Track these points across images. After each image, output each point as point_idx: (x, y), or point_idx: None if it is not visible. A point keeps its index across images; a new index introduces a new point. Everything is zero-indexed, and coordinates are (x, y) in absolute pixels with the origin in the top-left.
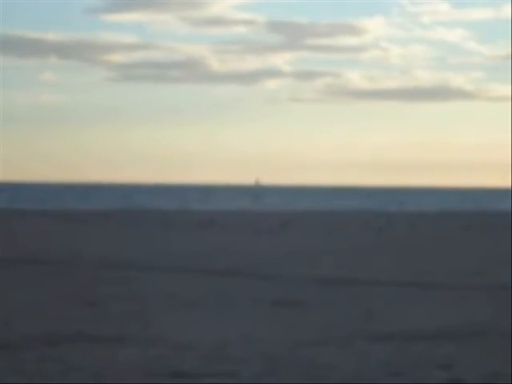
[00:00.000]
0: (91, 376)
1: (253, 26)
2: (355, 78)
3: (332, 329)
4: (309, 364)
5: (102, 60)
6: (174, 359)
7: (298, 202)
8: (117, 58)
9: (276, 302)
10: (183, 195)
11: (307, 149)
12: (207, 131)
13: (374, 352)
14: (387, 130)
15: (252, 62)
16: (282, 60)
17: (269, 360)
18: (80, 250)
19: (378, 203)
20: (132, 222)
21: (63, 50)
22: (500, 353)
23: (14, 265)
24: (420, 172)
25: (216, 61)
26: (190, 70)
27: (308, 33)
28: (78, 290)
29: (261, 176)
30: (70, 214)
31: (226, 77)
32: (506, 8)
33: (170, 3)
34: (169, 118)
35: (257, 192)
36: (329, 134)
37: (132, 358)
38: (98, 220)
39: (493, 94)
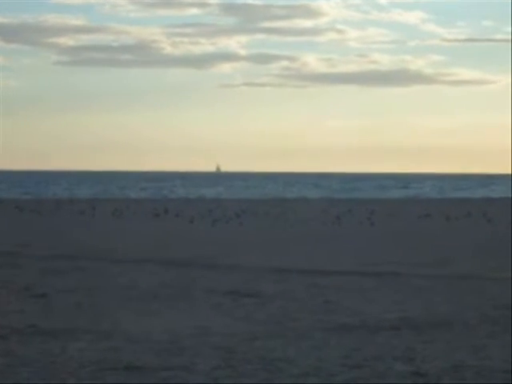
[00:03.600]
0: (42, 370)
1: (206, 8)
2: (312, 61)
3: (290, 320)
4: (266, 357)
5: (50, 43)
6: (128, 352)
7: (255, 189)
8: (66, 41)
9: (232, 293)
10: (137, 183)
11: (263, 134)
12: (160, 116)
13: (334, 344)
14: (344, 115)
15: (205, 45)
16: (236, 43)
17: (225, 353)
18: (30, 240)
19: (338, 190)
20: (83, 210)
21: (9, 33)
22: (462, 344)
23: None
24: (378, 157)
25: (168, 44)
26: (142, 54)
27: (263, 15)
28: (27, 281)
29: (219, 161)
30: (18, 203)
31: (178, 60)
32: None
33: None
34: (120, 103)
35: (215, 179)
36: (285, 119)
37: (84, 351)
38: (48, 209)
39: (452, 78)
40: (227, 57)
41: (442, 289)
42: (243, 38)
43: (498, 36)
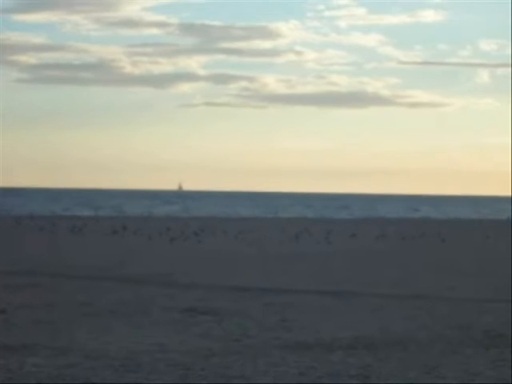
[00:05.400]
0: None
1: (166, 28)
2: (270, 82)
3: (247, 338)
4: (223, 374)
5: (11, 61)
6: (85, 368)
7: (213, 208)
8: (27, 59)
9: (189, 310)
10: (97, 201)
11: (223, 153)
12: (121, 134)
13: (290, 362)
14: (303, 136)
15: (165, 65)
16: (196, 63)
17: (181, 369)
18: None
19: (295, 210)
20: (43, 227)
21: None
22: (416, 363)
23: None
24: (336, 179)
25: (128, 63)
26: (102, 72)
27: (222, 36)
28: None
29: (181, 180)
30: None
31: (138, 80)
32: (421, 13)
33: (81, 4)
34: (81, 121)
35: (175, 197)
36: (244, 139)
37: (42, 367)
38: (7, 226)
39: (409, 100)
40: (187, 77)
41: (397, 308)
42: (203, 58)
43: (453, 59)
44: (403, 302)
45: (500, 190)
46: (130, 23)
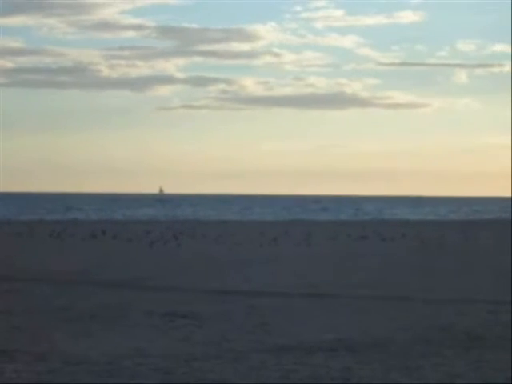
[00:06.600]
0: None
1: (143, 31)
2: (249, 84)
3: (227, 342)
4: (204, 378)
5: None
6: (65, 374)
7: (193, 211)
8: (3, 63)
9: (170, 314)
10: (75, 205)
11: (202, 156)
12: (98, 138)
13: (271, 365)
14: (282, 138)
15: (143, 68)
16: (173, 66)
17: (163, 374)
18: None
19: (274, 213)
20: (21, 232)
21: None
22: (397, 365)
23: None
24: (315, 181)
25: (106, 66)
26: (79, 76)
27: (200, 39)
28: None
29: (162, 183)
30: None
31: (116, 83)
32: (399, 14)
33: (58, 7)
34: (58, 125)
35: (154, 201)
36: (223, 142)
37: (21, 373)
38: None
39: (388, 101)
40: (164, 80)
41: (377, 310)
42: (180, 61)
43: (431, 60)
44: (384, 304)
45: (480, 190)
46: (107, 26)
